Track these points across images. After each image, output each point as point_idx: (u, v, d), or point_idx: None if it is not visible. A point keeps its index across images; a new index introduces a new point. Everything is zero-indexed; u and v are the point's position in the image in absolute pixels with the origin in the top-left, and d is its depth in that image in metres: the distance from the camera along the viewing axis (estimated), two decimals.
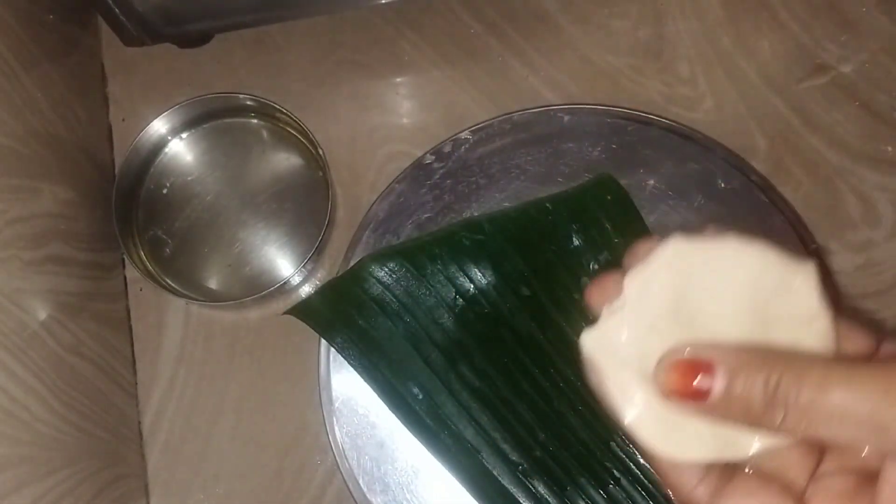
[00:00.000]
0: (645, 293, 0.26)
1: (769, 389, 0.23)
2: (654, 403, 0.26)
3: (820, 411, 0.22)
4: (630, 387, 0.26)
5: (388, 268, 0.45)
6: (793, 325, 0.26)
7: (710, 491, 0.26)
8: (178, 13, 0.48)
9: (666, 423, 0.26)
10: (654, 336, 0.26)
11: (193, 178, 0.52)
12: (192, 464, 0.50)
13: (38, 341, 0.41)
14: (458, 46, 0.54)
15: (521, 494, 0.43)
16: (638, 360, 0.26)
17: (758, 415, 0.23)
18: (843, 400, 0.22)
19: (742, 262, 0.26)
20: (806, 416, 0.22)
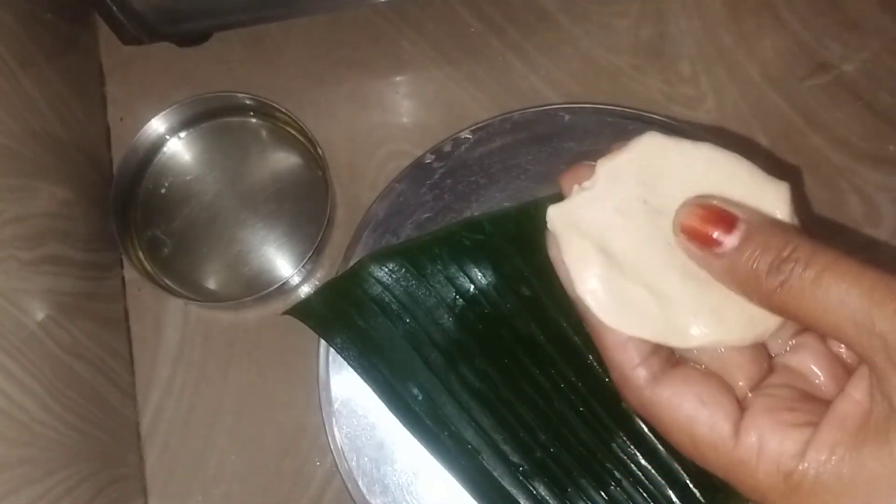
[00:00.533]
0: (615, 177, 0.27)
1: (780, 256, 0.23)
2: (610, 276, 0.26)
3: (818, 291, 0.22)
4: (588, 258, 0.26)
5: (388, 268, 0.45)
6: None
7: (651, 373, 0.26)
8: (177, 12, 0.47)
9: (618, 297, 0.26)
10: (619, 217, 0.27)
11: (192, 178, 0.52)
12: (190, 465, 0.50)
13: (36, 342, 0.40)
14: (459, 45, 0.54)
15: (521, 496, 0.43)
16: (599, 236, 0.27)
17: (759, 278, 0.23)
18: (846, 288, 0.22)
19: (716, 166, 0.27)
20: (804, 293, 0.22)
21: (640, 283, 0.26)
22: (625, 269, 0.26)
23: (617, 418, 0.43)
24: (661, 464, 0.42)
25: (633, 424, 0.43)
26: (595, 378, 0.44)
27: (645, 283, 0.26)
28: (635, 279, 0.26)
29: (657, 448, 0.43)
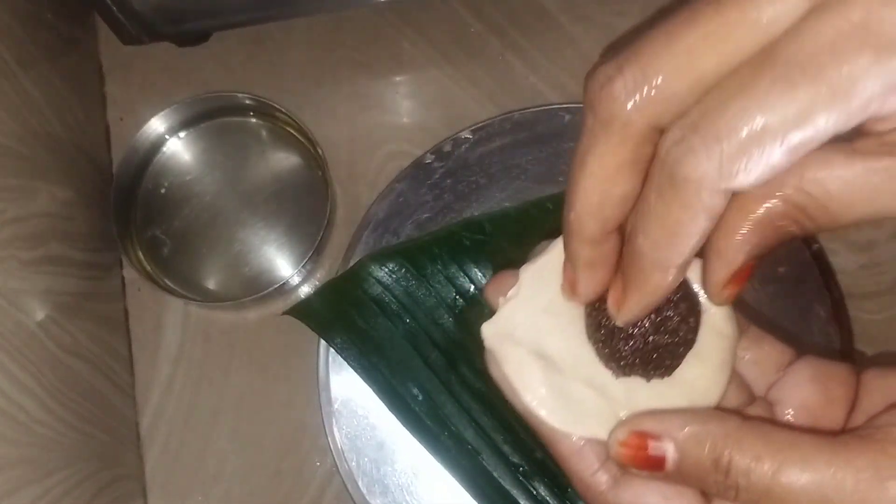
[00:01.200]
0: (538, 279, 0.27)
1: (720, 471, 0.22)
2: (552, 380, 0.26)
3: (773, 492, 0.21)
4: (527, 365, 0.26)
5: (388, 268, 0.45)
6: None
7: (612, 476, 0.25)
8: (177, 12, 0.47)
9: (565, 399, 0.26)
10: (548, 318, 0.27)
11: (192, 178, 0.52)
12: (190, 465, 0.50)
13: (36, 342, 0.40)
14: (459, 45, 0.54)
15: (521, 496, 0.43)
16: (533, 341, 0.26)
17: (716, 490, 0.23)
18: (795, 481, 0.21)
19: None
20: (759, 495, 0.22)
21: (581, 380, 0.26)
22: (564, 369, 0.26)
23: None
24: None
25: None
26: None
27: (586, 381, 0.26)
28: (576, 377, 0.26)
29: None
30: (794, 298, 0.46)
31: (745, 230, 0.21)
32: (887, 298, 0.49)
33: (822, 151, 0.20)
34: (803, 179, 0.20)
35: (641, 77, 0.21)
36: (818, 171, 0.20)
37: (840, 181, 0.20)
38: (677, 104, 0.21)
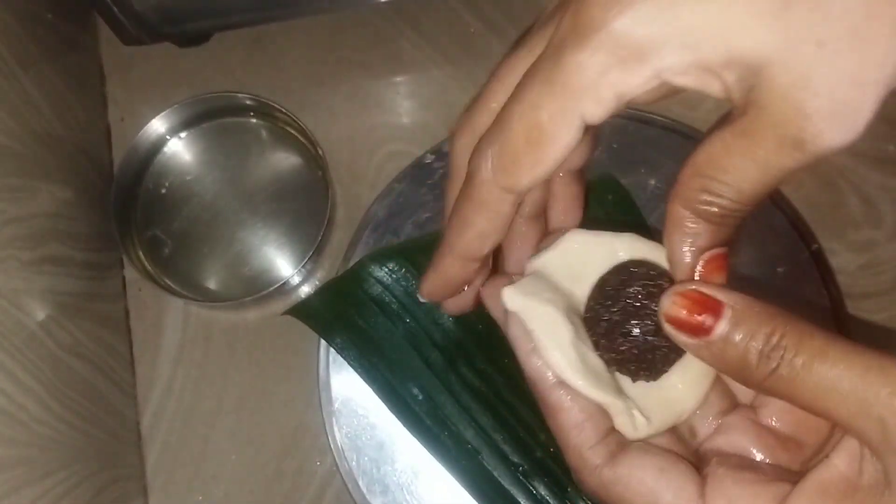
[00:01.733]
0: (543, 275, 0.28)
1: (769, 344, 0.23)
2: (577, 344, 0.26)
3: (809, 377, 0.22)
4: (558, 324, 0.26)
5: (388, 268, 0.45)
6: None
7: (609, 451, 0.26)
8: (177, 12, 0.47)
9: (586, 365, 0.26)
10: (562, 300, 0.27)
11: (192, 178, 0.52)
12: (190, 465, 0.50)
13: (37, 342, 0.40)
14: (459, 45, 0.54)
15: (521, 495, 0.43)
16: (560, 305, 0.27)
17: (750, 365, 0.23)
18: (837, 374, 0.22)
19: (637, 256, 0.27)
20: (795, 380, 0.22)
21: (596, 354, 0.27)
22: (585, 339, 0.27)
23: None
24: None
25: None
26: None
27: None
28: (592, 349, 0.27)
29: None
30: (793, 298, 0.46)
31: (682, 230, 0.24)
32: (886, 298, 0.50)
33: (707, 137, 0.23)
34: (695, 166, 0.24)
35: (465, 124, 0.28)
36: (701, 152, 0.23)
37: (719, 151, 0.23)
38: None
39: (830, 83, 0.21)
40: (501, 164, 0.24)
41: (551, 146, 0.23)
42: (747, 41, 0.21)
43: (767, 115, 0.22)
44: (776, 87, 0.21)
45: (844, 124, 0.21)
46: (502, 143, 0.24)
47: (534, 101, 0.23)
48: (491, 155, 0.24)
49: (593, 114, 0.23)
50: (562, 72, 0.23)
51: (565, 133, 0.23)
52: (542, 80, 0.23)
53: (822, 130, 0.21)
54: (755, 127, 0.22)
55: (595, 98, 0.23)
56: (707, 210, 0.24)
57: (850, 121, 0.21)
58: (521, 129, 0.24)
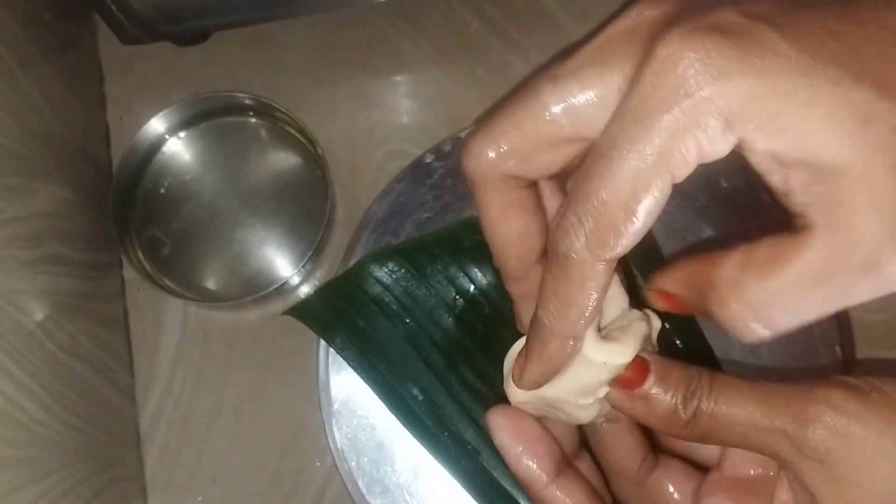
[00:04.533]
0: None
1: (689, 390, 0.26)
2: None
3: (722, 411, 0.25)
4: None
5: (388, 268, 0.45)
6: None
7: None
8: (176, 11, 0.47)
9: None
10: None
11: (191, 178, 0.52)
12: (189, 465, 0.50)
13: (35, 342, 0.40)
14: (459, 44, 0.54)
15: (521, 496, 0.43)
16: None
17: (677, 411, 0.26)
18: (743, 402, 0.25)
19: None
20: (712, 417, 0.25)
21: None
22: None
23: None
24: None
25: None
26: None
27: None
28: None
29: None
30: None
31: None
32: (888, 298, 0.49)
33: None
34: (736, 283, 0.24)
35: (489, 140, 0.26)
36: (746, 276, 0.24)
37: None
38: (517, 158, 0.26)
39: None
40: (601, 239, 0.23)
41: (645, 207, 0.23)
42: (826, 147, 0.21)
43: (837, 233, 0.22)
44: (851, 202, 0.21)
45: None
46: (597, 217, 0.23)
47: (623, 164, 0.22)
48: (582, 229, 0.23)
49: (681, 175, 0.22)
50: (651, 132, 0.22)
51: (658, 193, 0.22)
52: (631, 140, 0.22)
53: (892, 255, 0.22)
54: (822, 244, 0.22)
55: (683, 161, 0.22)
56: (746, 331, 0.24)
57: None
58: (614, 196, 0.22)
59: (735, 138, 0.22)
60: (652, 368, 0.27)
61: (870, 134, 0.21)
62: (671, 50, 0.21)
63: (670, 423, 0.26)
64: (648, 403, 0.26)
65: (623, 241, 0.23)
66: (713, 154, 0.22)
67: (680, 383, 0.26)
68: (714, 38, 0.21)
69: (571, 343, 0.26)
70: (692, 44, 0.21)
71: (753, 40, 0.21)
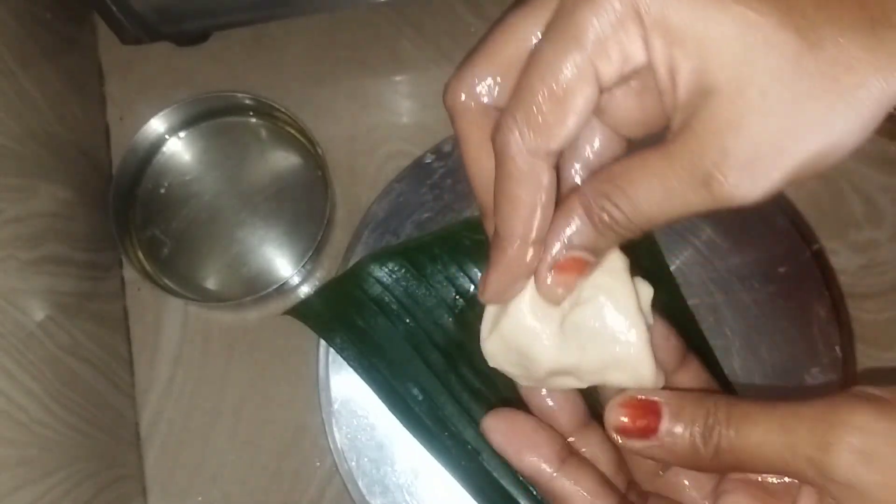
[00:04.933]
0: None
1: (707, 426, 0.25)
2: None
3: (744, 441, 0.24)
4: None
5: (388, 268, 0.45)
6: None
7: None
8: (176, 12, 0.47)
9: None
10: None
11: (191, 178, 0.52)
12: (189, 465, 0.50)
13: (36, 342, 0.40)
14: (459, 44, 0.54)
15: (520, 496, 0.43)
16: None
17: (698, 450, 0.25)
18: (763, 430, 0.24)
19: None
20: (734, 448, 0.25)
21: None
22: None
23: None
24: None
25: None
26: None
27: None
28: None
29: None
30: (794, 298, 0.45)
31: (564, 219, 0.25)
32: (888, 298, 0.49)
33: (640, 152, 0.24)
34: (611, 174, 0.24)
35: (466, 74, 0.26)
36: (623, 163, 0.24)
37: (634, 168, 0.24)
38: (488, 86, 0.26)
39: (756, 135, 0.21)
40: (530, 129, 0.24)
41: (575, 100, 0.23)
42: (717, 60, 0.22)
43: (692, 142, 0.22)
44: (713, 118, 0.22)
45: (750, 180, 0.22)
46: (526, 109, 0.24)
47: (552, 59, 0.24)
48: (517, 124, 0.24)
49: (606, 72, 0.23)
50: (575, 25, 0.23)
51: (586, 87, 0.23)
52: (558, 36, 0.23)
53: (730, 176, 0.22)
54: (677, 151, 0.22)
55: (606, 56, 0.23)
56: (598, 214, 0.24)
57: (757, 179, 0.22)
58: (544, 89, 0.24)
59: (640, 34, 0.23)
60: (664, 410, 0.26)
61: (749, 54, 0.21)
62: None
63: (692, 460, 0.26)
64: (665, 445, 0.26)
65: (555, 134, 0.24)
66: (632, 55, 0.23)
67: (696, 418, 0.25)
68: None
69: (529, 248, 0.26)
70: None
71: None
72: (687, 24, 0.22)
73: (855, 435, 0.23)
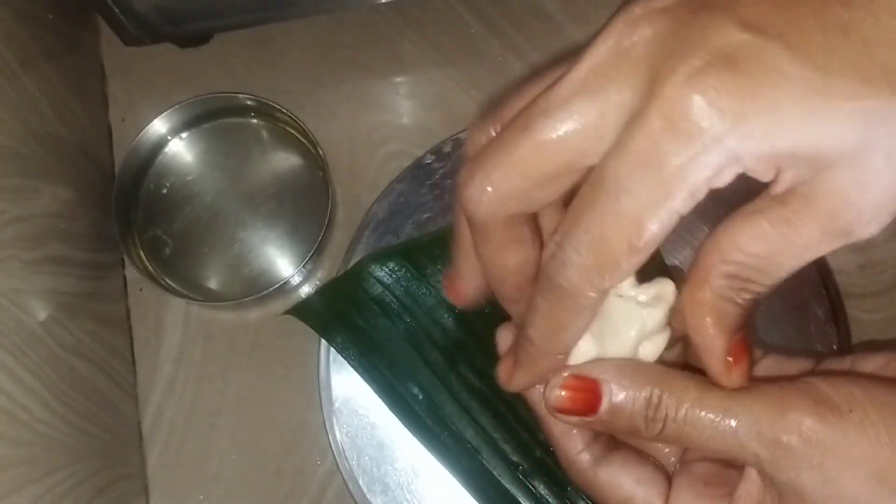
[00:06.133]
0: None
1: (651, 406, 0.25)
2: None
3: (689, 428, 0.25)
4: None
5: (388, 268, 0.45)
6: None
7: (593, 457, 0.28)
8: (178, 13, 0.47)
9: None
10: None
11: (193, 178, 0.52)
12: (191, 464, 0.50)
13: (38, 341, 0.41)
14: (459, 46, 0.54)
15: (521, 495, 0.43)
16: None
17: (639, 429, 0.25)
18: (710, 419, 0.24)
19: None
20: (680, 433, 0.25)
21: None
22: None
23: None
24: None
25: None
26: None
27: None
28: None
29: None
30: (791, 298, 0.46)
31: (708, 319, 0.24)
32: (885, 298, 0.50)
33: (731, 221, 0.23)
34: (722, 253, 0.23)
35: (486, 181, 0.25)
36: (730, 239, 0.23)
37: (753, 238, 0.23)
38: (518, 199, 0.25)
39: (886, 185, 0.21)
40: (600, 273, 0.23)
41: (652, 245, 0.22)
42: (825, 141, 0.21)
43: (818, 208, 0.22)
44: (836, 186, 0.21)
45: (879, 224, 0.22)
46: (597, 251, 0.23)
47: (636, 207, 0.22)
48: (583, 264, 0.23)
49: (686, 208, 0.22)
50: (668, 179, 0.21)
51: (666, 229, 0.22)
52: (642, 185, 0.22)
53: (869, 224, 0.22)
54: (801, 217, 0.22)
55: (692, 200, 0.22)
56: (735, 296, 0.24)
57: (882, 221, 0.22)
58: (622, 237, 0.22)
59: (743, 169, 0.22)
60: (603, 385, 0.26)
61: (867, 125, 0.21)
62: (680, 91, 0.21)
63: (633, 436, 0.27)
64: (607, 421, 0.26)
65: (621, 275, 0.23)
66: (721, 185, 0.22)
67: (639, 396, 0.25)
68: (723, 75, 0.20)
69: (560, 357, 0.26)
70: (702, 86, 0.21)
71: (764, 68, 0.20)
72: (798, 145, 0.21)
73: (802, 447, 0.24)
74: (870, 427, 0.23)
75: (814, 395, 0.24)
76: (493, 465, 0.43)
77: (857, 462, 0.23)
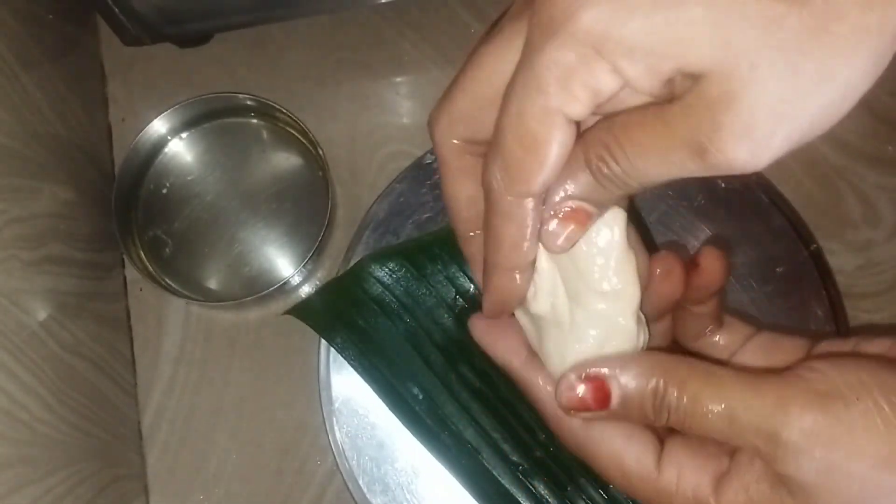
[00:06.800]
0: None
1: (657, 397, 0.26)
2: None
3: (695, 415, 0.26)
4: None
5: (388, 268, 0.45)
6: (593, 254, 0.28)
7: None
8: (178, 13, 0.47)
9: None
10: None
11: (193, 178, 0.52)
12: (191, 464, 0.50)
13: (38, 341, 0.41)
14: (459, 46, 0.54)
15: (521, 494, 0.43)
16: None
17: (649, 418, 0.27)
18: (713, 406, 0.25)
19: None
20: (685, 419, 0.26)
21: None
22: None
23: None
24: None
25: None
26: None
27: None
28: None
29: None
30: (791, 298, 0.46)
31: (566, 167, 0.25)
32: (885, 298, 0.50)
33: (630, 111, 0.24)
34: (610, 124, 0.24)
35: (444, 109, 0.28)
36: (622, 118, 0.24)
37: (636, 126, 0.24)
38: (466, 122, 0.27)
39: (750, 107, 0.21)
40: (509, 175, 0.25)
41: (547, 147, 0.24)
42: (693, 54, 0.21)
43: (687, 116, 0.22)
44: (704, 96, 0.22)
45: (750, 149, 0.22)
46: (503, 156, 0.25)
47: (519, 109, 0.24)
48: (497, 169, 0.25)
49: (574, 111, 0.23)
50: (536, 74, 0.23)
51: (556, 133, 0.24)
52: (522, 84, 0.24)
53: (727, 147, 0.22)
54: (674, 119, 0.23)
55: (571, 96, 0.23)
56: (597, 165, 0.25)
57: (756, 148, 0.22)
58: (515, 140, 0.24)
59: (609, 69, 0.22)
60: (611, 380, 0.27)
61: (736, 35, 0.21)
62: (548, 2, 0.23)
63: (646, 423, 0.27)
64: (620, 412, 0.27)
65: (533, 181, 0.24)
66: (602, 88, 0.23)
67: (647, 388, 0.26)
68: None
69: (516, 275, 0.27)
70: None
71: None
72: (649, 35, 0.22)
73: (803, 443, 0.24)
74: (878, 413, 0.24)
75: (818, 384, 0.25)
76: (493, 465, 0.43)
77: (864, 450, 0.23)
